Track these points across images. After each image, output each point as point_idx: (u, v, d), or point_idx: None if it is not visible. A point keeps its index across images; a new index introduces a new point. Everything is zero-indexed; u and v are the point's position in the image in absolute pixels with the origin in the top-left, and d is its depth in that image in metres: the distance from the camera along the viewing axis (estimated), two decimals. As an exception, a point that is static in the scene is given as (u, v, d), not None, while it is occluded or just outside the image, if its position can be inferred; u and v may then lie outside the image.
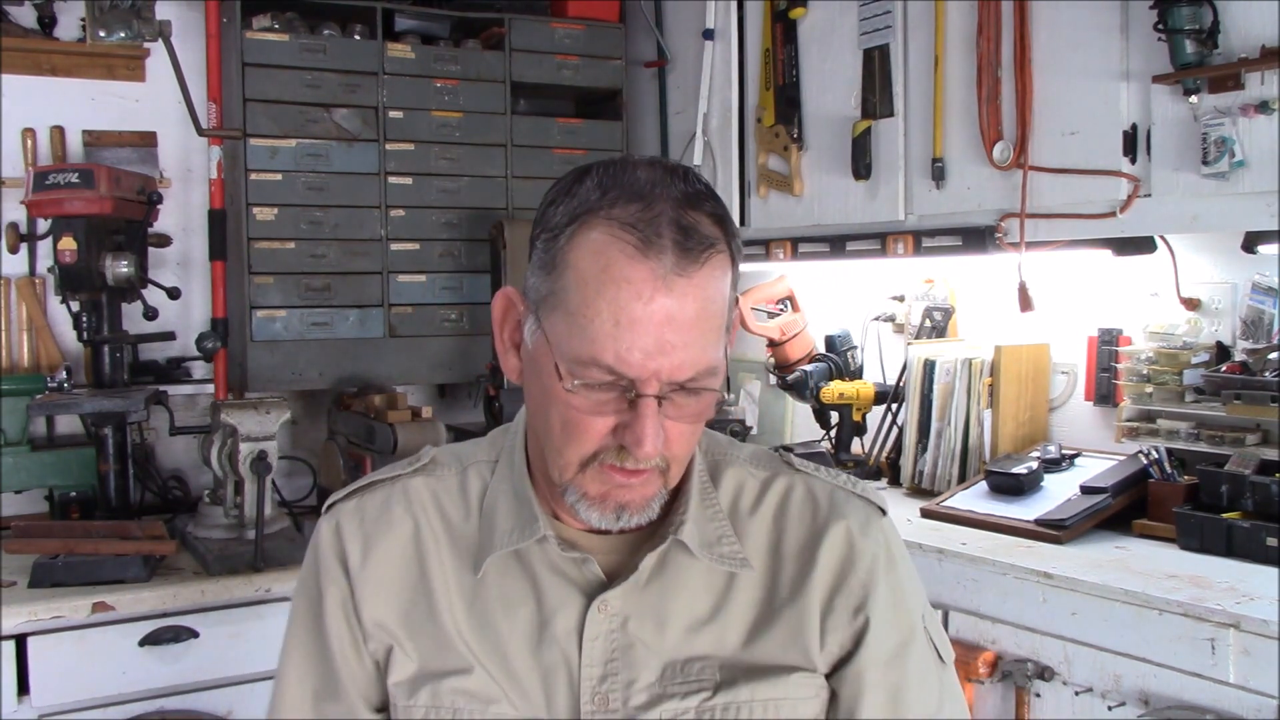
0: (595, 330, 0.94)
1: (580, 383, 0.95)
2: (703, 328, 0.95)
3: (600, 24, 3.19)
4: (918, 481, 2.58)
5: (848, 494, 1.13)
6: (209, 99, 2.80)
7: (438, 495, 1.13)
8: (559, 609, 1.06)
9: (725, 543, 1.08)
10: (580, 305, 0.94)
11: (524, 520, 1.07)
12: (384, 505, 1.13)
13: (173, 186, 2.98)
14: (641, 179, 0.97)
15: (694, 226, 0.95)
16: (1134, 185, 2.10)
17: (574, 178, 1.01)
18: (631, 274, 0.93)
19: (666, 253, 0.93)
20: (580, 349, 0.95)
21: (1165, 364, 2.27)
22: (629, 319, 0.93)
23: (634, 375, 0.94)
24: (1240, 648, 1.65)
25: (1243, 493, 1.98)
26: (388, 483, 1.14)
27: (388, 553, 1.10)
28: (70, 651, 2.17)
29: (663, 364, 0.94)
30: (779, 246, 2.88)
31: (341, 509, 1.14)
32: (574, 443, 0.99)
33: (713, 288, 0.96)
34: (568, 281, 0.96)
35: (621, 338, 0.93)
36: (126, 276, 2.47)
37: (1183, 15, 1.94)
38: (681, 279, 0.93)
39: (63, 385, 2.52)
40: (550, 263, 0.98)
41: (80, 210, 2.40)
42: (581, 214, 0.96)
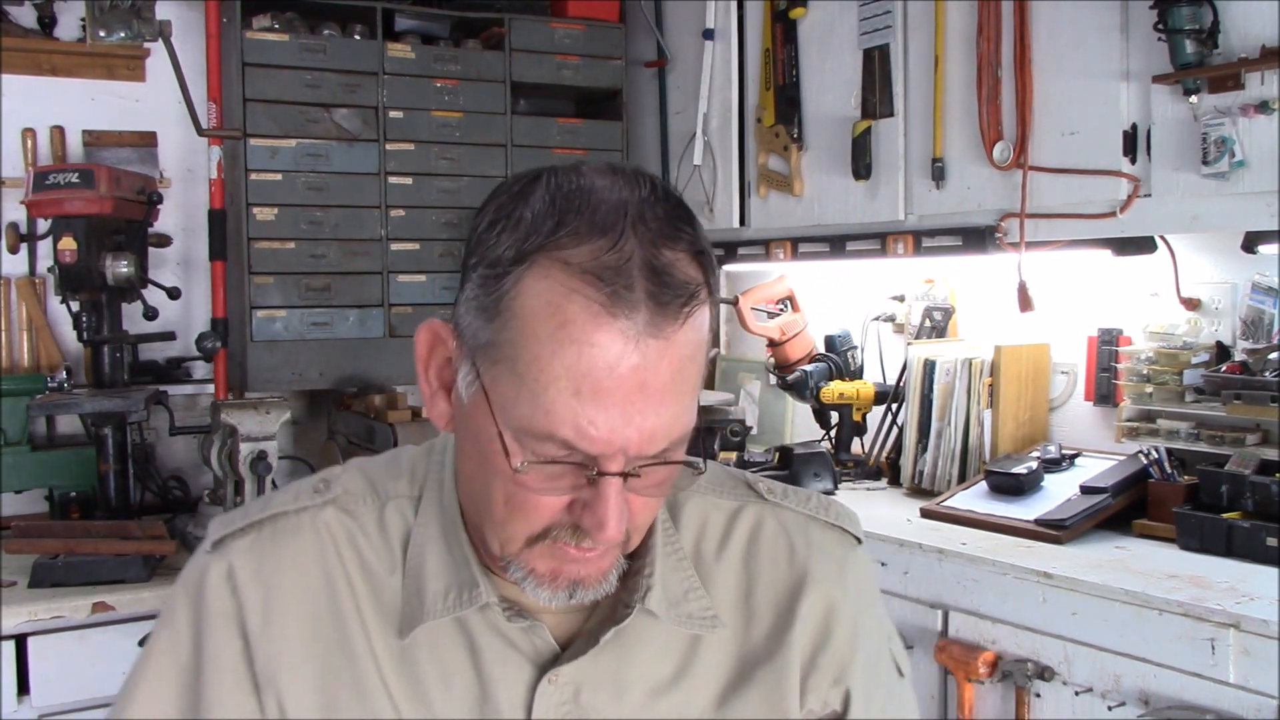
0: (550, 399, 0.78)
1: (531, 459, 0.80)
2: (678, 391, 0.81)
3: (600, 24, 3.19)
4: (918, 481, 2.58)
5: (823, 526, 1.01)
6: (209, 99, 2.80)
7: (354, 537, 0.94)
8: (502, 681, 0.91)
9: (693, 598, 0.95)
10: (532, 367, 0.78)
11: (461, 582, 0.91)
12: (288, 547, 0.93)
13: (173, 186, 2.98)
14: (603, 200, 0.80)
15: (669, 270, 0.79)
16: (1134, 185, 2.10)
17: (517, 193, 0.83)
18: (596, 336, 0.77)
19: (639, 308, 0.77)
20: (532, 420, 0.79)
21: (1165, 364, 2.27)
22: (592, 388, 0.77)
23: (596, 451, 0.79)
24: (1240, 648, 1.65)
25: (1243, 493, 1.98)
26: (291, 516, 0.94)
27: (296, 609, 0.91)
28: (70, 651, 2.17)
29: (631, 438, 0.79)
30: (779, 246, 2.88)
31: (232, 549, 0.93)
32: (520, 521, 0.84)
33: (691, 344, 0.81)
34: (515, 335, 0.79)
35: (583, 410, 0.78)
36: (126, 276, 2.47)
37: (1183, 15, 1.94)
38: (656, 339, 0.78)
39: (63, 385, 2.52)
40: (493, 308, 0.80)
41: (80, 210, 2.40)
42: (531, 251, 0.79)
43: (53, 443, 2.78)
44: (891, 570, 2.15)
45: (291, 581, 0.92)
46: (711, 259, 0.84)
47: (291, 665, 0.91)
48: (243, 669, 0.91)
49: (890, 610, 2.18)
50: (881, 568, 2.17)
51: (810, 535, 1.00)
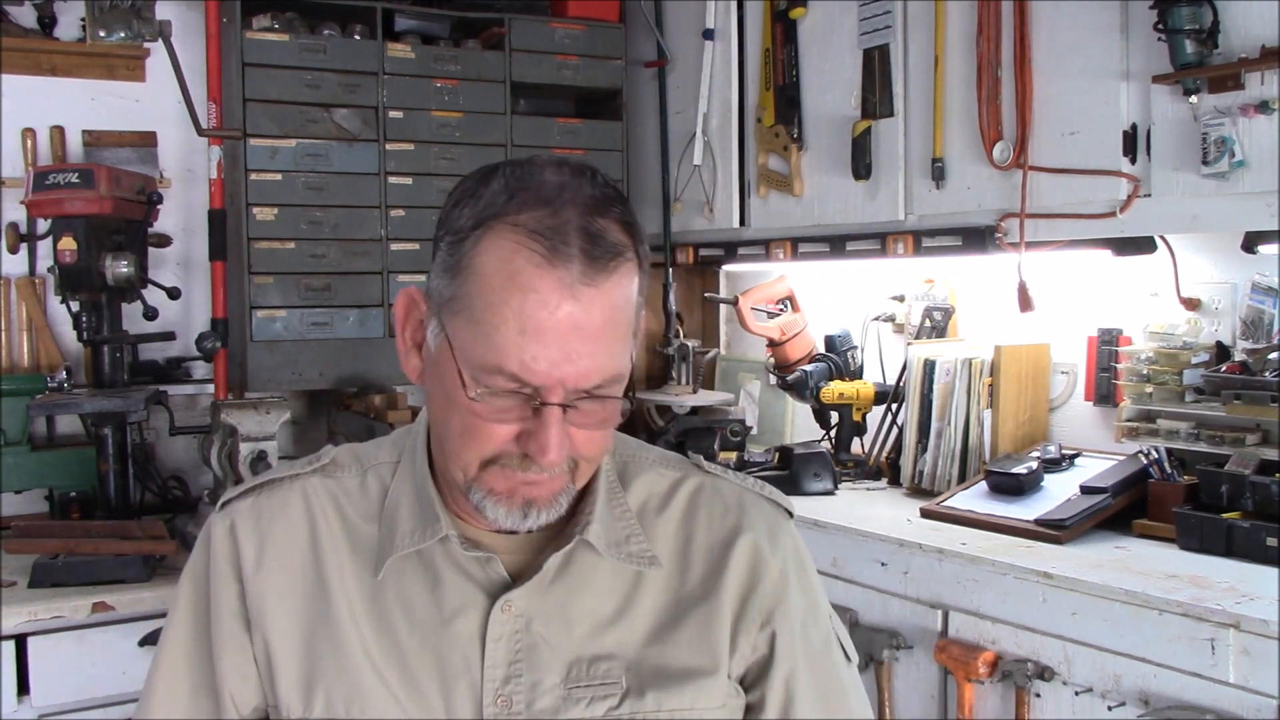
0: (500, 338, 0.92)
1: (484, 390, 0.94)
2: (609, 335, 0.95)
3: (600, 24, 3.19)
4: (918, 481, 2.58)
5: (756, 496, 1.15)
6: (209, 99, 2.79)
7: (336, 496, 1.10)
8: (461, 610, 1.04)
9: (633, 541, 1.08)
10: (485, 312, 0.93)
11: (426, 520, 1.05)
12: (281, 505, 1.09)
13: (173, 186, 2.98)
14: (549, 182, 0.96)
15: (601, 233, 0.94)
16: (1134, 185, 2.10)
17: (479, 178, 1.00)
18: (538, 283, 0.92)
19: (574, 261, 0.92)
20: (484, 356, 0.93)
21: (1165, 364, 2.27)
22: (534, 327, 0.92)
23: (539, 383, 0.93)
24: (1240, 648, 1.65)
25: (1243, 493, 1.98)
26: (285, 481, 1.11)
27: (284, 556, 1.07)
28: (70, 651, 2.18)
29: (568, 372, 0.93)
30: (779, 246, 2.89)
31: (236, 508, 1.10)
32: (474, 446, 0.97)
33: (620, 295, 0.95)
34: (472, 287, 0.94)
35: (527, 346, 0.92)
36: (126, 276, 2.47)
37: (1183, 15, 1.94)
38: (589, 288, 0.93)
39: (63, 385, 2.52)
40: (455, 266, 0.96)
41: (80, 210, 2.40)
42: (487, 218, 0.95)
43: (53, 443, 2.78)
44: (891, 570, 2.15)
45: (281, 532, 1.08)
46: (641, 232, 0.99)
47: (276, 602, 1.06)
48: (238, 608, 1.07)
49: (890, 610, 2.20)
50: (881, 568, 2.17)
51: (744, 501, 1.14)
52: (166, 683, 1.09)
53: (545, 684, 1.03)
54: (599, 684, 1.04)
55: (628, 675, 1.04)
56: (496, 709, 1.02)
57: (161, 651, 1.11)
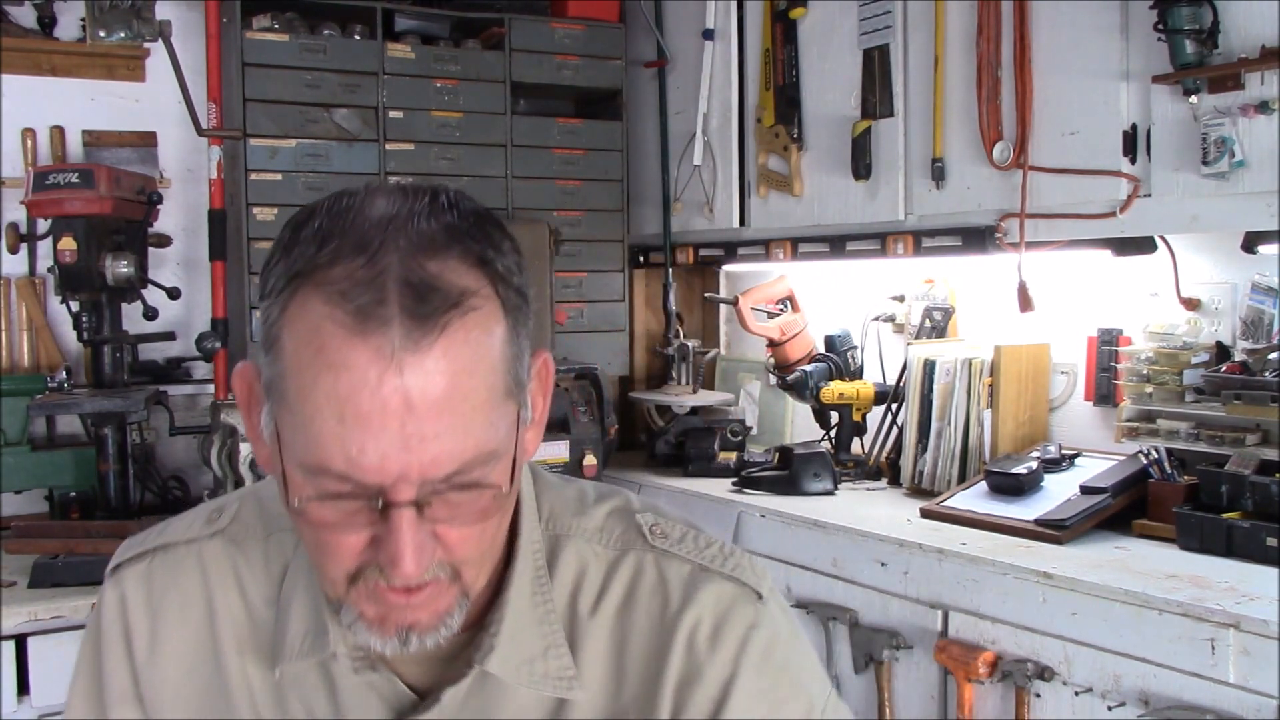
0: (318, 430, 0.73)
1: (312, 497, 0.75)
2: (461, 408, 0.74)
3: (600, 24, 3.19)
4: (918, 481, 2.58)
5: (714, 576, 0.90)
6: (209, 99, 2.79)
7: (238, 569, 0.93)
8: None
9: (551, 655, 0.88)
10: (298, 398, 0.74)
11: (317, 627, 0.88)
12: (174, 578, 0.93)
13: (173, 186, 2.98)
14: (369, 217, 0.76)
15: (430, 282, 0.73)
16: (1134, 185, 2.10)
17: (298, 221, 0.79)
18: (350, 358, 0.72)
19: (392, 324, 0.72)
20: (305, 454, 0.74)
21: (1165, 364, 2.27)
22: (354, 414, 0.72)
23: (373, 481, 0.73)
24: (1240, 648, 1.65)
25: (1243, 493, 1.98)
26: (181, 547, 0.94)
27: (179, 641, 0.92)
28: (70, 651, 2.14)
29: (409, 463, 0.73)
30: (779, 246, 2.89)
31: (126, 576, 0.95)
32: (331, 561, 0.79)
33: (466, 354, 0.74)
34: (284, 367, 0.75)
35: (350, 437, 0.72)
36: (126, 276, 2.47)
37: (1183, 15, 1.94)
38: (415, 355, 0.72)
39: (63, 385, 2.52)
40: (268, 340, 0.77)
41: (80, 210, 2.40)
42: (294, 276, 0.75)
43: (53, 443, 2.78)
44: (891, 570, 2.15)
45: (175, 612, 0.93)
46: (507, 262, 0.78)
47: (173, 696, 0.93)
48: (131, 691, 0.94)
49: (890, 610, 2.20)
50: (881, 568, 2.17)
51: (695, 582, 0.90)
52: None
53: None
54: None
55: None
56: None
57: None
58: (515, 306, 0.78)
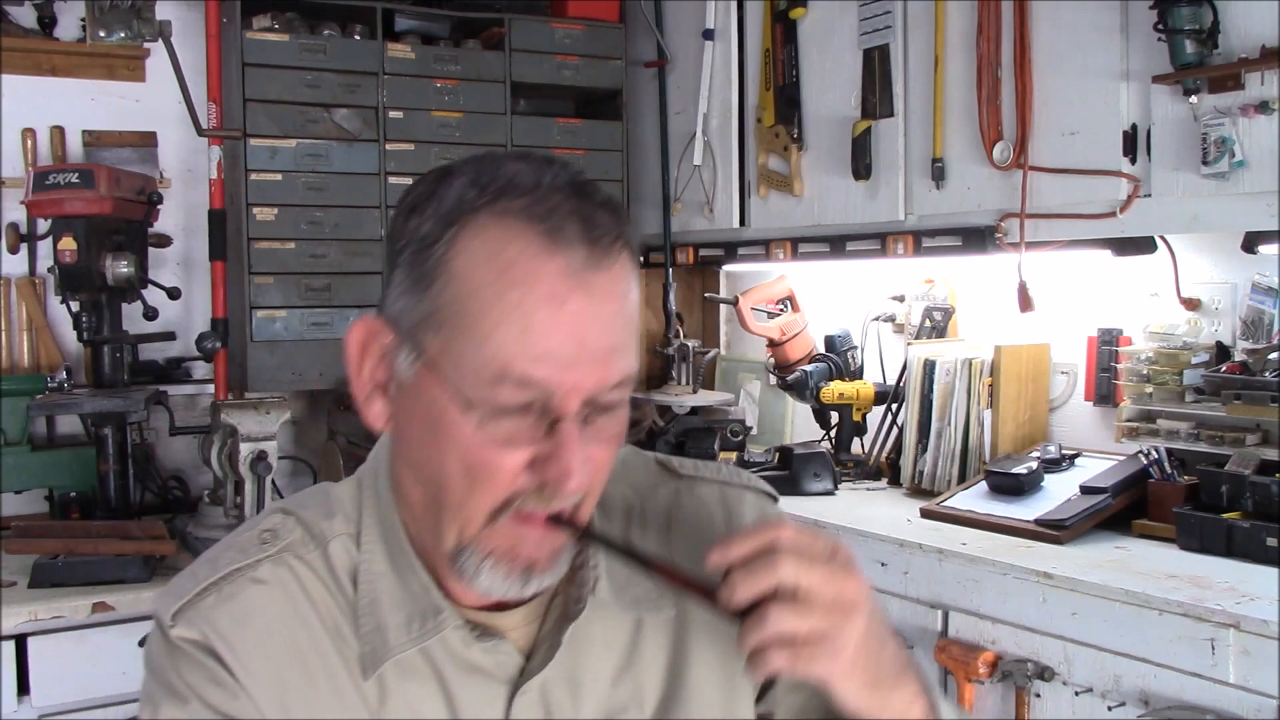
0: (500, 340, 0.79)
1: (486, 411, 0.80)
2: (625, 328, 0.84)
3: (600, 24, 3.19)
4: (918, 481, 2.58)
5: (740, 491, 1.04)
6: (209, 99, 2.79)
7: (308, 584, 0.91)
8: (478, 709, 0.90)
9: (634, 583, 0.95)
10: (479, 316, 0.79)
11: (423, 609, 0.89)
12: (250, 604, 0.89)
13: (173, 186, 2.98)
14: (521, 169, 0.83)
15: (595, 216, 0.82)
16: (1134, 185, 2.10)
17: (436, 180, 0.85)
18: (539, 272, 0.79)
19: (576, 245, 0.80)
20: (482, 366, 0.79)
21: (1165, 364, 2.27)
22: (542, 324, 0.78)
23: (551, 388, 0.79)
24: (1240, 648, 1.65)
25: (1243, 493, 1.98)
26: (247, 571, 0.91)
27: (264, 668, 0.88)
28: (70, 651, 2.17)
29: (585, 374, 0.80)
30: (779, 246, 2.88)
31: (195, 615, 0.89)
32: (482, 489, 0.82)
33: (626, 283, 0.84)
34: (456, 291, 0.80)
35: (534, 344, 0.78)
36: (126, 276, 2.47)
37: (1183, 15, 1.94)
38: (596, 274, 0.80)
39: (63, 385, 2.52)
40: (426, 276, 0.82)
41: (80, 210, 2.41)
42: (460, 215, 0.81)
43: (53, 443, 2.78)
44: (891, 570, 2.15)
45: (256, 640, 0.89)
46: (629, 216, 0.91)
47: None
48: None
49: (890, 610, 2.20)
50: (881, 568, 2.17)
51: (728, 500, 1.03)
52: None
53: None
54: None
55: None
56: None
57: None
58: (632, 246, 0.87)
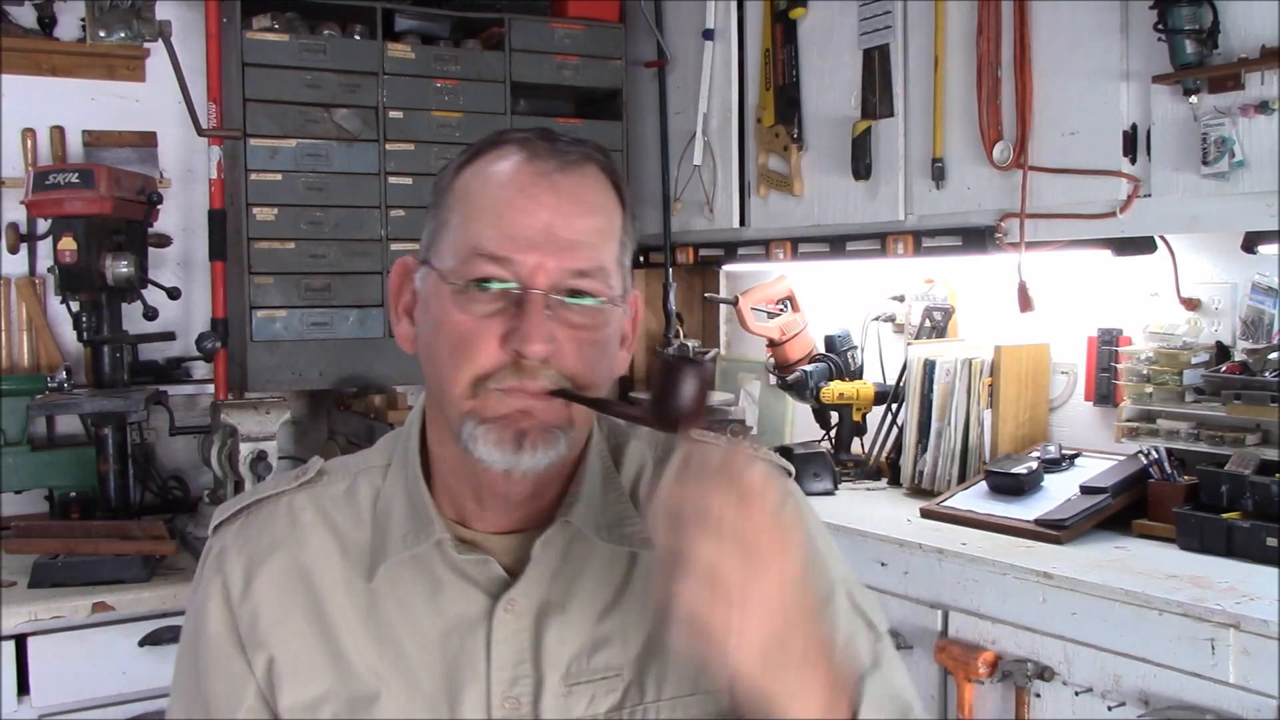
0: (479, 227, 0.97)
1: (465, 283, 0.96)
2: (590, 225, 0.98)
3: (600, 24, 3.19)
4: (918, 481, 2.58)
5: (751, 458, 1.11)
6: (209, 99, 2.79)
7: (324, 508, 1.07)
8: (464, 614, 1.02)
9: (628, 524, 1.05)
10: (465, 215, 0.98)
11: (419, 524, 1.03)
12: (266, 523, 1.07)
13: (173, 186, 2.98)
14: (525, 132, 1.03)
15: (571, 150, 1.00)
16: (1134, 185, 2.10)
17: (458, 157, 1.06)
18: (515, 176, 0.97)
19: (551, 159, 0.98)
20: (463, 246, 0.97)
21: (1165, 364, 2.27)
22: (512, 209, 0.96)
23: (519, 258, 0.95)
24: (1240, 648, 1.65)
25: (1243, 493, 1.98)
26: (271, 500, 1.08)
27: (271, 577, 1.04)
28: (70, 651, 2.17)
29: (548, 257, 0.95)
30: (779, 246, 2.88)
31: (225, 531, 1.09)
32: (465, 360, 0.96)
33: (600, 196, 1.00)
34: (454, 200, 1.00)
35: (504, 225, 0.95)
36: (126, 276, 2.47)
37: (1183, 15, 1.94)
38: (566, 177, 0.97)
39: (63, 385, 2.52)
40: (438, 203, 1.02)
41: (80, 210, 2.40)
42: (471, 156, 1.03)
43: (53, 443, 2.78)
44: (891, 570, 2.15)
45: (266, 553, 1.05)
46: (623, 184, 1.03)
47: (269, 624, 1.03)
48: (229, 635, 1.04)
49: (890, 610, 2.20)
50: (881, 568, 2.17)
51: None
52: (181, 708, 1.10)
53: (550, 681, 1.01)
54: (600, 677, 1.02)
55: (628, 663, 1.02)
56: (505, 711, 1.00)
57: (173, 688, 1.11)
58: (627, 224, 1.03)
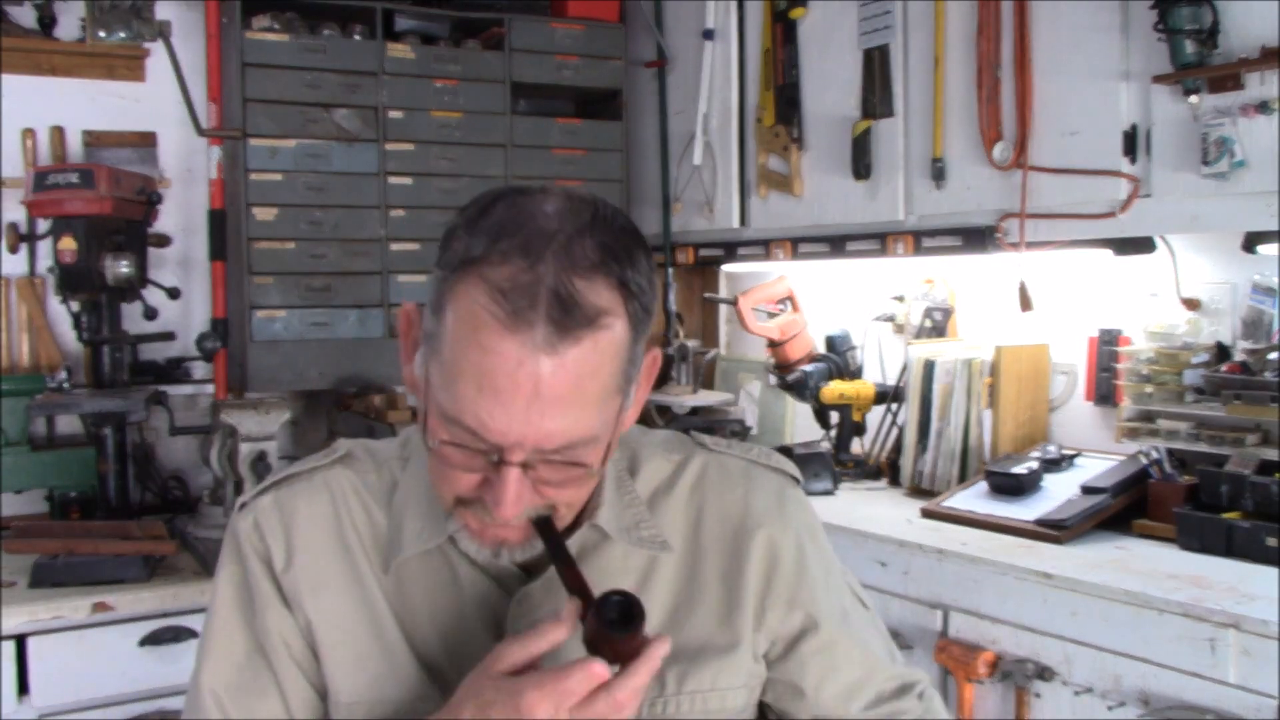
0: (459, 391, 0.91)
1: (445, 440, 0.93)
2: (577, 402, 0.91)
3: (600, 24, 3.19)
4: (918, 481, 2.58)
5: (762, 469, 1.16)
6: (209, 99, 2.79)
7: (357, 487, 1.10)
8: (480, 605, 1.05)
9: (643, 527, 1.08)
10: (450, 361, 0.92)
11: (433, 520, 1.05)
12: (304, 497, 1.09)
13: (173, 186, 2.97)
14: (539, 226, 0.92)
15: (576, 298, 0.89)
16: (1134, 185, 2.10)
17: (483, 206, 0.96)
18: (497, 344, 0.89)
19: (537, 327, 0.88)
20: (446, 405, 0.92)
21: (1165, 364, 2.27)
22: (492, 386, 0.89)
23: (495, 441, 0.91)
24: (1240, 648, 1.65)
25: (1243, 493, 1.98)
26: (304, 475, 1.11)
27: (313, 547, 1.07)
28: (70, 651, 2.17)
29: (527, 434, 0.90)
30: (779, 246, 2.89)
31: (257, 505, 1.10)
32: (445, 485, 0.98)
33: (591, 363, 0.90)
34: (444, 332, 0.93)
35: (483, 404, 0.90)
36: (126, 276, 2.47)
37: (1183, 15, 1.94)
38: (552, 357, 0.88)
39: (63, 385, 2.52)
40: (437, 303, 0.94)
41: (80, 210, 2.40)
42: (466, 263, 0.91)
43: (53, 443, 2.78)
44: (891, 570, 2.15)
45: (306, 524, 1.07)
46: (640, 284, 0.93)
47: (311, 593, 1.06)
48: (277, 597, 1.07)
49: (890, 610, 2.20)
50: (881, 568, 2.17)
51: (750, 475, 1.15)
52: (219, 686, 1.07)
53: None
54: None
55: None
56: None
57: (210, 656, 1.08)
58: (640, 320, 0.95)
